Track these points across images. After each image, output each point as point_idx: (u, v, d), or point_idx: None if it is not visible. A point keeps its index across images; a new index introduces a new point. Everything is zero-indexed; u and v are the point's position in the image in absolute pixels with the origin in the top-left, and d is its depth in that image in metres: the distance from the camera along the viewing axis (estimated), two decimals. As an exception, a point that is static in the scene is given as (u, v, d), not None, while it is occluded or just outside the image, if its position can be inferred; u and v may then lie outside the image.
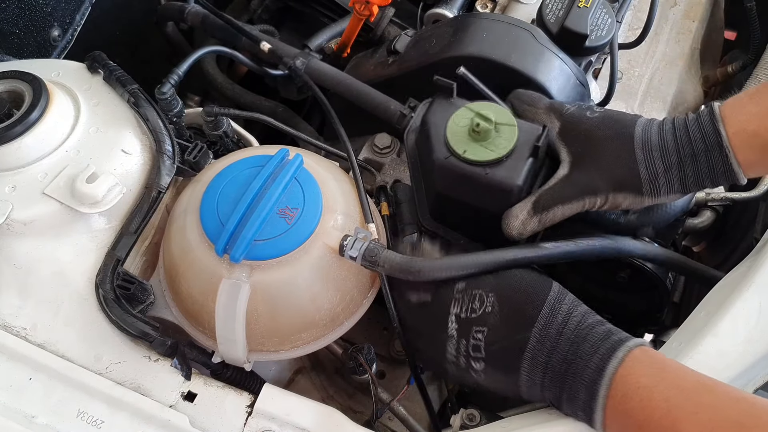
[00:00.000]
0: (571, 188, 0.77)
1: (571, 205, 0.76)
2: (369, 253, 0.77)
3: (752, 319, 0.76)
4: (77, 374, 0.77)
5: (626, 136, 0.76)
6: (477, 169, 0.77)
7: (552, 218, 0.77)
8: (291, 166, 0.81)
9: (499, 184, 0.76)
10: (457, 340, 0.76)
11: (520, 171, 0.76)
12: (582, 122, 0.79)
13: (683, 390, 0.62)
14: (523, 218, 0.77)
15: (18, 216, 0.80)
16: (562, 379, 0.69)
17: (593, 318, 0.72)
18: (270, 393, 0.77)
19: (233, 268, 0.77)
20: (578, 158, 0.78)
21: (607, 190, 0.75)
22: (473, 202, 0.80)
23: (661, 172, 0.74)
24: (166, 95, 0.94)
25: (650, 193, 0.75)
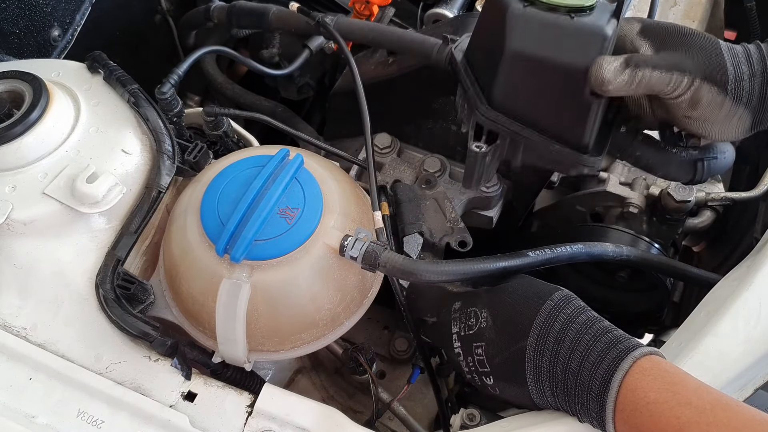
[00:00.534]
0: (661, 59, 0.72)
1: (660, 75, 0.71)
2: (369, 254, 0.76)
3: (752, 319, 0.76)
4: (77, 374, 0.77)
5: (713, 40, 0.73)
6: (561, 15, 0.72)
7: (641, 80, 0.71)
8: (291, 166, 0.81)
9: (589, 29, 0.71)
10: (464, 357, 0.78)
11: (607, 21, 0.71)
12: (665, 23, 0.76)
13: (696, 407, 0.61)
14: (616, 66, 0.71)
15: (18, 216, 0.80)
16: (571, 388, 0.68)
17: (599, 325, 0.70)
18: (270, 393, 0.77)
19: (234, 268, 0.77)
20: (663, 46, 0.74)
21: (696, 73, 0.71)
22: (553, 56, 0.72)
23: (747, 77, 0.71)
24: (166, 95, 0.94)
25: (733, 94, 0.71)
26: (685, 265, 0.94)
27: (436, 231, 0.99)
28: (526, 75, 0.75)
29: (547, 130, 0.77)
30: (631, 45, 0.76)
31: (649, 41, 0.75)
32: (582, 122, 0.75)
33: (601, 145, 0.79)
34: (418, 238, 0.96)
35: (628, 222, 1.11)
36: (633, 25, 0.77)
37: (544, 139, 0.78)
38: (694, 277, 0.92)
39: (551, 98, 0.76)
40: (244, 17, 1.16)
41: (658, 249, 1.06)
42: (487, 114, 0.79)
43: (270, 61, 1.31)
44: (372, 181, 0.86)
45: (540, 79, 0.74)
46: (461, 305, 0.80)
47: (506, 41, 0.73)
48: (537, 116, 0.77)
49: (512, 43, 0.73)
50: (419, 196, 1.01)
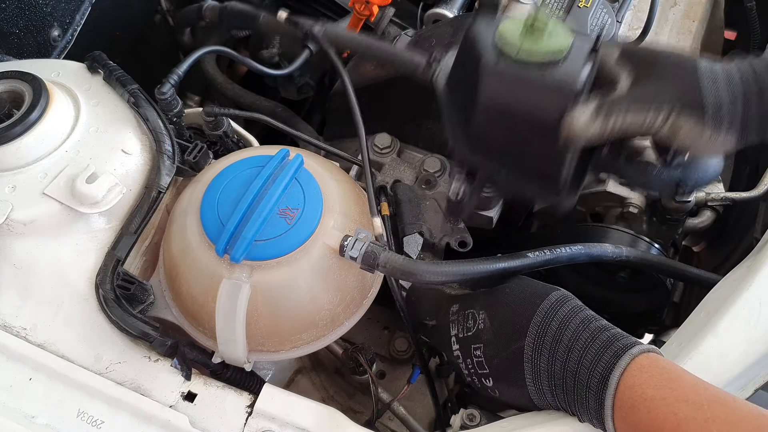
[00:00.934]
0: (635, 98, 0.71)
1: (635, 116, 0.70)
2: (369, 254, 0.76)
3: (752, 319, 0.76)
4: (77, 374, 0.77)
5: (690, 64, 0.71)
6: (532, 68, 0.71)
7: (615, 125, 0.70)
8: (291, 167, 0.81)
9: (558, 85, 0.70)
10: (463, 360, 0.78)
11: (580, 72, 0.70)
12: (643, 48, 0.75)
13: (693, 403, 0.61)
14: (586, 119, 0.70)
15: (18, 216, 0.80)
16: (570, 387, 0.68)
17: (596, 323, 0.70)
18: (270, 393, 0.77)
19: (233, 269, 0.77)
20: (640, 78, 0.72)
21: (672, 105, 0.69)
22: (525, 109, 0.73)
23: (726, 102, 0.69)
24: (166, 95, 0.94)
25: (713, 122, 0.69)
26: (685, 266, 0.94)
27: (436, 231, 0.99)
28: (500, 124, 0.75)
29: (523, 171, 0.78)
30: (610, 73, 0.75)
31: (627, 69, 0.74)
32: (556, 168, 0.75)
33: (577, 184, 0.79)
34: (418, 238, 0.96)
35: (628, 222, 1.11)
36: (612, 51, 0.75)
37: (521, 180, 0.78)
38: (694, 277, 0.92)
39: (525, 147, 0.76)
40: (235, 19, 1.17)
41: (658, 249, 1.06)
42: (464, 153, 0.80)
43: (270, 61, 1.31)
44: (369, 187, 0.86)
45: (514, 129, 0.75)
46: (459, 307, 0.80)
47: (479, 93, 0.73)
48: (512, 160, 0.78)
49: (484, 97, 0.73)
50: (419, 196, 1.01)
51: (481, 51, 0.73)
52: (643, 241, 1.06)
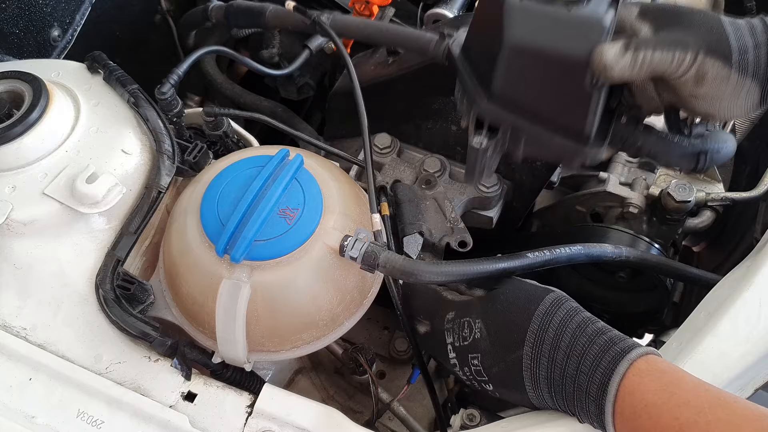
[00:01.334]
0: (662, 38, 0.70)
1: (663, 54, 0.69)
2: (369, 254, 0.76)
3: (752, 319, 0.77)
4: (77, 374, 0.77)
5: (713, 15, 0.71)
6: (558, 6, 0.70)
7: (643, 62, 0.69)
8: (291, 167, 0.81)
9: (585, 21, 0.69)
10: (461, 368, 0.78)
11: (605, 11, 0.69)
12: (662, 3, 0.75)
13: (694, 406, 0.60)
14: (617, 51, 0.68)
15: (18, 216, 0.80)
16: (570, 392, 0.68)
17: (593, 327, 0.70)
18: (270, 393, 0.77)
19: (233, 269, 0.77)
20: (663, 26, 0.72)
21: (698, 47, 0.69)
22: (551, 47, 0.71)
23: (751, 47, 0.69)
24: (166, 95, 0.94)
25: (738, 66, 0.69)
26: (685, 266, 0.94)
27: (436, 231, 0.99)
28: (525, 67, 0.74)
29: (548, 121, 0.76)
30: (631, 29, 0.74)
31: (648, 22, 0.73)
32: (583, 112, 0.74)
33: (602, 136, 0.77)
34: (418, 238, 0.96)
35: (628, 222, 1.11)
36: (631, 9, 0.75)
37: (545, 131, 0.77)
38: (693, 278, 0.92)
39: (551, 90, 0.75)
40: (241, 16, 1.16)
41: (658, 249, 1.06)
42: (486, 107, 0.78)
43: (270, 61, 1.31)
44: (370, 184, 0.86)
45: (539, 71, 0.74)
46: (454, 315, 0.79)
47: (504, 34, 0.72)
48: (537, 108, 0.76)
49: (510, 37, 0.72)
50: (419, 196, 1.01)
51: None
52: (643, 241, 1.06)
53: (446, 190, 1.05)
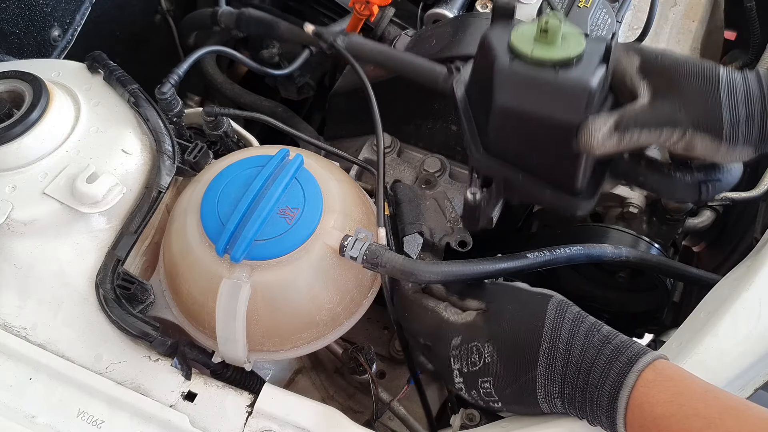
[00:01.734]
0: (652, 116, 0.71)
1: (650, 133, 0.71)
2: (370, 254, 0.76)
3: (752, 319, 0.76)
4: (77, 374, 0.77)
5: (711, 76, 0.72)
6: (546, 70, 0.71)
7: (630, 141, 0.71)
8: (291, 166, 0.81)
9: (572, 85, 0.70)
10: (467, 391, 0.76)
11: (594, 73, 0.71)
12: (665, 58, 0.75)
13: (704, 417, 0.60)
14: (605, 132, 0.70)
15: (18, 216, 0.80)
16: (581, 405, 0.68)
17: (599, 336, 0.70)
18: (270, 393, 0.77)
19: (233, 268, 0.77)
20: (659, 91, 0.73)
21: (687, 125, 0.70)
22: (539, 111, 0.73)
23: (743, 119, 0.69)
24: (166, 95, 0.94)
25: (729, 138, 0.70)
26: (685, 266, 0.94)
27: (436, 231, 0.99)
28: (515, 127, 0.76)
29: (539, 175, 0.78)
30: (630, 83, 0.75)
31: (646, 84, 0.74)
32: (573, 171, 0.76)
33: (593, 189, 0.79)
34: (418, 238, 0.96)
35: (628, 222, 1.11)
36: (633, 60, 0.75)
37: (537, 184, 0.78)
38: (693, 278, 0.92)
39: (541, 149, 0.76)
40: (253, 25, 1.16)
41: (658, 249, 1.06)
42: (479, 159, 0.80)
43: (270, 61, 1.32)
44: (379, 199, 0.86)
45: (529, 132, 0.75)
46: (461, 341, 0.77)
47: (494, 95, 0.74)
48: (528, 163, 0.78)
49: (499, 99, 0.74)
50: (419, 196, 1.01)
51: (496, 54, 0.73)
52: (643, 241, 1.06)
53: (446, 190, 1.05)
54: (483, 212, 0.84)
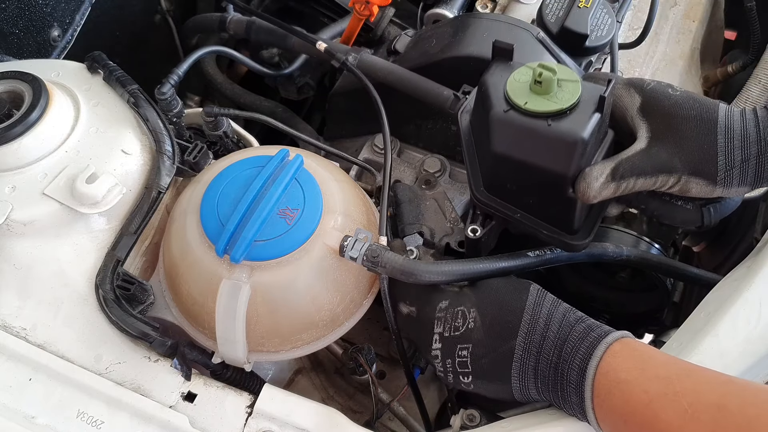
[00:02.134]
0: (648, 163, 0.73)
1: (646, 180, 0.73)
2: (370, 254, 0.76)
3: (752, 319, 0.76)
4: (77, 374, 0.77)
5: (709, 119, 0.73)
6: (539, 121, 0.72)
7: (626, 188, 0.74)
8: (291, 167, 0.81)
9: (563, 137, 0.71)
10: (442, 359, 0.77)
11: (586, 124, 0.71)
12: (665, 98, 0.76)
13: (663, 378, 0.62)
14: (603, 182, 0.72)
15: (18, 216, 0.80)
16: (553, 382, 0.70)
17: (573, 315, 0.72)
18: (270, 393, 0.77)
19: (233, 269, 0.77)
20: (658, 135, 0.74)
21: (683, 171, 0.72)
22: (533, 160, 0.74)
23: (738, 163, 0.71)
24: (166, 95, 0.94)
25: (723, 183, 0.72)
26: (685, 266, 0.94)
27: (436, 231, 0.99)
28: (511, 172, 0.77)
29: (536, 214, 0.80)
30: (631, 122, 0.77)
31: (646, 124, 0.75)
32: (568, 214, 0.78)
33: (589, 228, 0.81)
34: (418, 239, 0.96)
35: (628, 222, 1.11)
36: (634, 100, 0.77)
37: (534, 223, 0.80)
38: (694, 277, 0.92)
39: (537, 193, 0.78)
40: (263, 35, 1.17)
41: (658, 249, 1.06)
42: (479, 196, 0.82)
43: (270, 61, 1.31)
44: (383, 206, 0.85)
45: (524, 178, 0.77)
46: (448, 304, 0.79)
47: (491, 141, 0.76)
48: (525, 204, 0.80)
49: (495, 146, 0.75)
50: (419, 196, 1.01)
51: (492, 101, 0.75)
52: (644, 242, 1.06)
53: (446, 190, 1.04)
54: (484, 246, 0.86)
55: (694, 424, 0.58)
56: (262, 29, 1.17)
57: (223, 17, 1.22)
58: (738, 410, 0.57)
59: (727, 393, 0.59)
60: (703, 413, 0.58)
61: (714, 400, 0.59)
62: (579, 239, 0.80)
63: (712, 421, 0.58)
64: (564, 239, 0.79)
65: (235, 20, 1.20)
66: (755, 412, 0.57)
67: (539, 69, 0.73)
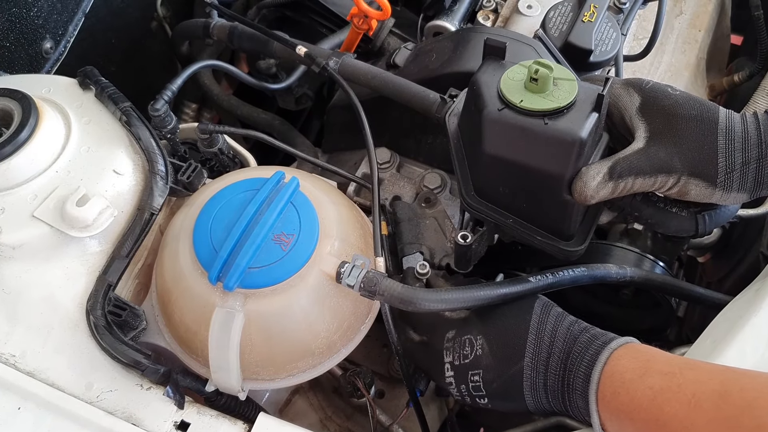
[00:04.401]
0: (647, 162, 0.72)
1: (644, 180, 0.72)
2: (367, 282, 0.74)
3: (761, 347, 0.74)
4: (67, 403, 0.76)
5: (710, 120, 0.72)
6: (535, 120, 0.69)
7: (624, 188, 0.72)
8: (287, 190, 0.79)
9: (561, 136, 0.69)
10: (457, 385, 0.77)
11: (584, 123, 0.69)
12: (665, 98, 0.74)
13: (666, 374, 0.63)
14: (599, 181, 0.71)
15: (6, 239, 0.79)
16: (561, 392, 0.71)
17: (578, 327, 0.73)
18: (265, 423, 0.75)
19: (227, 297, 0.75)
20: (657, 134, 0.73)
21: (682, 172, 0.71)
22: (528, 161, 0.72)
23: (738, 166, 0.70)
24: (159, 112, 0.92)
25: (723, 186, 0.71)
26: (691, 286, 0.92)
27: (436, 251, 0.97)
28: (505, 174, 0.75)
29: (530, 220, 0.78)
30: (630, 122, 0.75)
31: (645, 124, 0.74)
32: (563, 218, 0.76)
33: (584, 234, 0.79)
34: (418, 258, 0.94)
35: (632, 239, 1.09)
36: (633, 100, 0.75)
37: (527, 229, 0.78)
38: (699, 298, 0.91)
39: (531, 196, 0.76)
40: (246, 41, 1.14)
41: (663, 268, 1.04)
42: (471, 202, 0.79)
43: (267, 72, 1.29)
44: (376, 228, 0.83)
45: (518, 180, 0.74)
46: (455, 334, 0.79)
47: (483, 142, 0.73)
48: (519, 208, 0.78)
49: (488, 147, 0.73)
50: (419, 214, 0.99)
51: (486, 100, 0.72)
52: (648, 260, 1.04)
53: (446, 207, 1.02)
54: (475, 254, 0.84)
55: (698, 413, 0.59)
56: (245, 35, 1.15)
57: (207, 23, 1.20)
58: (738, 395, 0.58)
59: (727, 380, 0.60)
60: (706, 401, 0.59)
61: (715, 388, 0.60)
62: (574, 245, 0.78)
63: (714, 408, 0.58)
64: (558, 246, 0.78)
65: (219, 26, 1.19)
66: (754, 395, 0.58)
67: (535, 66, 0.70)
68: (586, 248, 1.07)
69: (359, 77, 0.99)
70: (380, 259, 0.80)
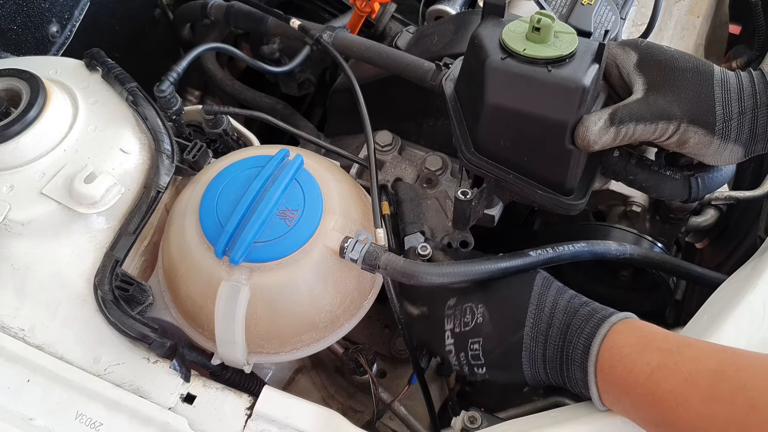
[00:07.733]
0: (647, 109, 0.73)
1: (645, 127, 0.73)
2: (370, 256, 0.76)
3: (756, 322, 0.76)
4: (76, 376, 0.77)
5: (706, 72, 0.74)
6: (538, 68, 0.71)
7: (626, 134, 0.73)
8: (291, 167, 0.81)
9: (565, 83, 0.70)
10: (456, 353, 0.79)
11: (586, 71, 0.70)
12: (661, 53, 0.76)
13: (664, 351, 0.64)
14: (601, 126, 0.72)
15: (15, 216, 0.80)
16: (560, 364, 0.72)
17: (578, 300, 0.74)
18: (270, 395, 0.76)
19: (233, 271, 0.76)
20: (655, 85, 0.75)
21: (682, 118, 0.72)
22: (531, 109, 0.72)
23: (735, 115, 0.72)
24: (165, 93, 0.93)
25: (721, 134, 0.72)
26: (689, 264, 0.93)
27: (437, 231, 0.98)
28: (506, 126, 0.75)
29: (530, 174, 0.78)
30: (627, 78, 0.77)
31: (643, 77, 0.75)
32: (564, 170, 0.76)
33: (585, 188, 0.80)
34: (419, 238, 0.95)
35: (631, 221, 1.10)
36: (630, 56, 0.77)
37: (528, 184, 0.78)
38: (697, 277, 0.92)
39: (533, 147, 0.76)
40: (242, 19, 1.15)
41: (661, 248, 1.05)
42: (471, 158, 0.79)
43: (270, 57, 1.31)
44: (374, 199, 0.84)
45: (520, 130, 0.75)
46: (456, 301, 0.80)
47: (485, 93, 0.73)
48: (519, 162, 0.78)
49: (490, 96, 0.73)
50: (420, 195, 1.00)
51: (487, 51, 0.73)
52: (646, 240, 1.05)
53: (448, 189, 1.04)
54: (474, 212, 0.84)
55: (693, 390, 0.60)
56: (241, 12, 1.16)
57: (205, 3, 1.21)
58: (734, 374, 0.59)
59: (724, 360, 0.61)
60: (702, 380, 0.60)
61: (711, 367, 0.61)
62: (574, 200, 0.79)
63: (710, 386, 0.59)
64: (559, 199, 0.78)
65: (216, 5, 1.20)
66: (749, 375, 0.59)
67: (537, 16, 0.72)
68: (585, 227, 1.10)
69: (353, 49, 1.00)
70: (380, 230, 0.81)
